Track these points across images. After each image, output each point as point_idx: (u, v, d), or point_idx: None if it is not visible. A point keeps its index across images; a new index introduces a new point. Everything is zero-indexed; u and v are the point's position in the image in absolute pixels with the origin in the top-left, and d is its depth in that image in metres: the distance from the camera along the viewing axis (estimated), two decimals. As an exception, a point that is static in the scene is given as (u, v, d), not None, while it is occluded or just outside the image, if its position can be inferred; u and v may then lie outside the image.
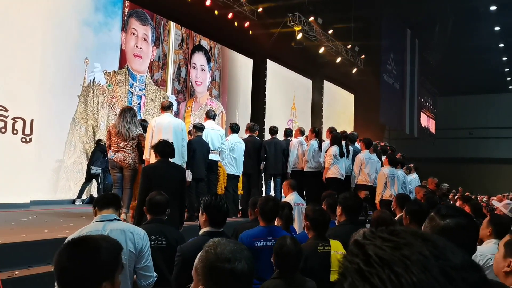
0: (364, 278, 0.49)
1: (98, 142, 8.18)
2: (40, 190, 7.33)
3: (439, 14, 18.76)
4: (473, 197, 11.19)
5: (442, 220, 1.50)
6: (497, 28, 19.31)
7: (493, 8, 17.44)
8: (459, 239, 1.44)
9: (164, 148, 4.26)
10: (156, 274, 2.58)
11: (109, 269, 1.32)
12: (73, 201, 7.89)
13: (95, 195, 8.24)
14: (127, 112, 5.34)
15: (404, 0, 16.69)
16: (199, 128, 6.08)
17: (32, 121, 6.67)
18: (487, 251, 2.75)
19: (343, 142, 7.19)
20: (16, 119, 6.52)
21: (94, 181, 8.18)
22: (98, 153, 7.98)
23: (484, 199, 15.79)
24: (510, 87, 26.46)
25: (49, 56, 7.50)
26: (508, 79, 25.48)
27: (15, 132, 6.51)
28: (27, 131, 6.63)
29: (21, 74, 6.57)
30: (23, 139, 6.59)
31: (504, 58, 22.51)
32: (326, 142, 7.25)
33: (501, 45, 20.94)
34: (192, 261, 2.36)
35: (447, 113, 27.44)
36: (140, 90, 9.58)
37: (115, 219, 2.53)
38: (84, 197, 8.09)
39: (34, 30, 6.82)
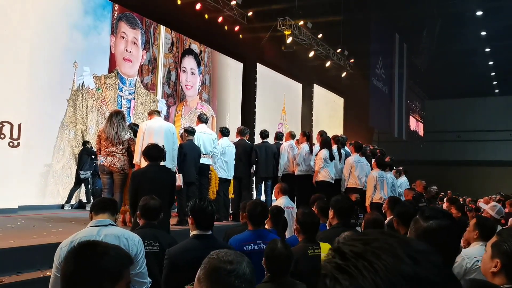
0: (342, 270, 0.55)
1: (84, 144, 8.12)
2: (28, 195, 7.24)
3: (426, 19, 19.01)
4: (461, 199, 11.33)
5: (425, 222, 1.54)
6: (483, 33, 19.61)
7: (479, 13, 17.72)
8: (442, 240, 1.48)
9: (152, 152, 4.24)
10: (151, 280, 2.55)
11: (108, 278, 1.31)
12: (62, 206, 7.82)
13: (84, 199, 8.17)
14: (114, 117, 5.32)
15: (393, 5, 16.88)
16: (190, 132, 6.08)
17: (20, 125, 6.60)
18: (474, 253, 2.80)
19: (335, 146, 7.24)
20: (3, 123, 6.44)
21: (83, 185, 8.12)
22: (85, 156, 7.93)
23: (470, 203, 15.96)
24: (496, 90, 26.88)
25: (38, 60, 7.44)
26: (495, 83, 25.88)
27: (2, 136, 6.43)
28: (15, 135, 6.55)
29: (9, 78, 6.50)
30: (11, 144, 6.51)
31: (491, 62, 22.86)
32: (317, 145, 7.30)
33: (487, 49, 21.26)
34: (179, 264, 2.37)
35: (435, 117, 27.76)
36: (129, 94, 9.54)
37: (110, 224, 2.51)
38: (73, 201, 8.01)
39: (23, 33, 6.76)
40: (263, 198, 7.23)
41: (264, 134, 7.45)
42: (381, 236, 0.58)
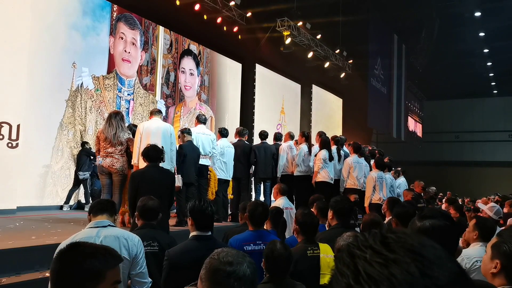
0: None
1: (83, 144, 8.11)
2: (26, 196, 7.23)
3: (425, 20, 19.06)
4: (459, 200, 11.35)
5: (420, 222, 1.53)
6: (481, 34, 19.66)
7: (477, 14, 17.77)
8: (436, 240, 1.47)
9: (151, 153, 4.24)
10: (151, 280, 2.56)
11: (90, 278, 1.31)
12: (61, 207, 7.80)
13: (83, 200, 8.16)
14: (113, 117, 5.31)
15: (391, 6, 16.92)
16: (188, 132, 6.08)
17: (18, 126, 6.58)
18: (474, 254, 2.81)
19: (335, 147, 7.25)
20: (2, 124, 6.43)
21: (82, 186, 8.10)
22: (84, 157, 7.92)
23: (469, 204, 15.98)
24: (494, 91, 26.94)
25: (37, 60, 7.43)
26: (493, 83, 25.95)
27: (1, 137, 6.42)
28: (14, 136, 6.53)
29: (8, 78, 6.49)
30: (10, 144, 6.50)
31: (489, 63, 22.91)
32: (316, 146, 7.30)
33: (486, 50, 21.31)
34: (179, 265, 2.37)
35: (433, 117, 27.82)
36: (128, 94, 9.53)
37: (109, 225, 2.50)
38: (71, 202, 8.00)
39: (21, 33, 6.75)
40: (261, 198, 7.23)
41: (263, 135, 7.45)
42: (403, 257, 0.52)
